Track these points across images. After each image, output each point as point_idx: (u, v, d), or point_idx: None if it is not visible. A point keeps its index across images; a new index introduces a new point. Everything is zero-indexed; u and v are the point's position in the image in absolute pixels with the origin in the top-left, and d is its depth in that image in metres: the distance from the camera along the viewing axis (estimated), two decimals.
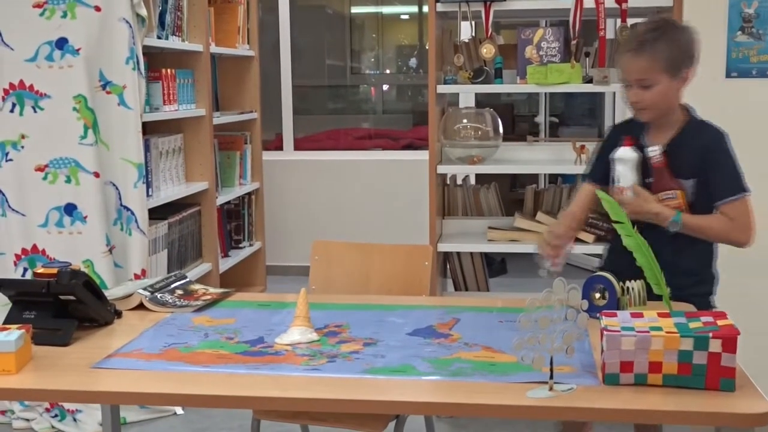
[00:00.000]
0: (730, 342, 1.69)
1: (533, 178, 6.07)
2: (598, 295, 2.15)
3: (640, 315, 1.85)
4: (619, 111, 5.45)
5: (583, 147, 3.54)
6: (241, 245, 4.97)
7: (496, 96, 4.76)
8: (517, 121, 7.05)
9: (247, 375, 1.85)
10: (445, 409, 2.11)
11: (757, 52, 3.27)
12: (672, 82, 2.34)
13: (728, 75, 3.29)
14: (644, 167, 2.41)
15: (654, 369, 1.71)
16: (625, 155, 2.39)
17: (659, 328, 1.74)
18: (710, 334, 1.70)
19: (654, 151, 2.37)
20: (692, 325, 1.76)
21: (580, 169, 3.20)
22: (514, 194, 5.71)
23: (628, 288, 2.16)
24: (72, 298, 2.09)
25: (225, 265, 4.59)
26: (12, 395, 2.44)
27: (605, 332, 1.74)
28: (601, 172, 2.52)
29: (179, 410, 3.63)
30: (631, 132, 2.48)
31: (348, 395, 1.76)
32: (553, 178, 6.06)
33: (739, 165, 2.40)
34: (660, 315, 1.84)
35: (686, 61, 2.35)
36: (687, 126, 2.42)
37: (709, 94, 3.31)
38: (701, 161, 2.37)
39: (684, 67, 2.35)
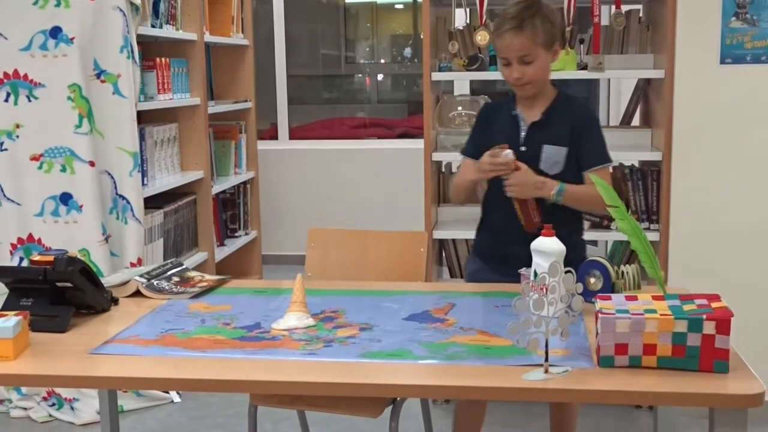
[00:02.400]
0: (723, 324, 1.70)
1: None
2: (593, 280, 2.16)
3: (635, 298, 1.86)
4: (614, 97, 5.45)
5: None
6: (236, 234, 4.97)
7: (491, 83, 4.76)
8: None
9: (244, 360, 1.86)
10: (441, 391, 2.13)
11: (751, 38, 3.27)
12: (547, 56, 2.49)
13: (722, 61, 3.29)
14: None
15: (648, 351, 1.72)
16: (548, 248, 2.04)
17: (653, 311, 1.75)
18: (704, 317, 1.71)
19: (508, 155, 2.41)
20: (686, 307, 1.78)
21: None
22: None
23: (622, 272, 2.17)
24: (69, 285, 2.10)
25: (221, 254, 4.59)
26: (10, 381, 2.45)
27: (600, 315, 1.75)
28: (479, 150, 2.55)
29: (176, 398, 3.64)
30: (502, 109, 2.60)
31: (344, 379, 1.77)
32: None
33: (604, 136, 2.57)
34: (654, 298, 1.86)
35: (557, 35, 2.51)
36: (558, 98, 2.57)
37: (703, 80, 3.33)
38: (572, 131, 2.51)
39: (556, 40, 2.50)
